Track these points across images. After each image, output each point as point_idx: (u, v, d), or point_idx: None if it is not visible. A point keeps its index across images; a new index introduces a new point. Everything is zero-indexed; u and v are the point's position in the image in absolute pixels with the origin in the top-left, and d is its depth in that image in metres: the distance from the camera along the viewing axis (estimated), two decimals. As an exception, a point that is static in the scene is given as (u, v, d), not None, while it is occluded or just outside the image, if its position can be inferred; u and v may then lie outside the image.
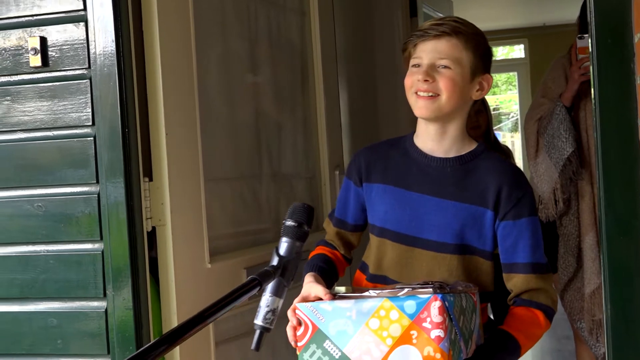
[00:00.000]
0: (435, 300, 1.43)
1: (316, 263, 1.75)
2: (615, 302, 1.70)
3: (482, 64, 1.71)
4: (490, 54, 1.75)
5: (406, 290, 1.47)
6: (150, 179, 2.03)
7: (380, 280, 1.74)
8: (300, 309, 1.55)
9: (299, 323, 1.54)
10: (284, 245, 1.32)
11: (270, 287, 1.28)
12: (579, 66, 2.91)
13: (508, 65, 10.39)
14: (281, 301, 1.30)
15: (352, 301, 1.50)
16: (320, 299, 1.55)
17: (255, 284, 1.22)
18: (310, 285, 1.61)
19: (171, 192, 2.03)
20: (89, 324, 2.01)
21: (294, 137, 2.79)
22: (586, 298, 3.05)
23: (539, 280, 1.68)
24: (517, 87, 9.76)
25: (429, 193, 1.69)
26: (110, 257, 1.98)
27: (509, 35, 9.22)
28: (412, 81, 1.68)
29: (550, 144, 3.02)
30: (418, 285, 1.48)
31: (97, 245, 2.00)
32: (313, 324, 1.52)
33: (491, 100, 11.56)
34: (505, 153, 3.89)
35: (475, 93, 1.71)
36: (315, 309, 1.53)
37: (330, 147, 2.85)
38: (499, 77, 11.87)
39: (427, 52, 1.67)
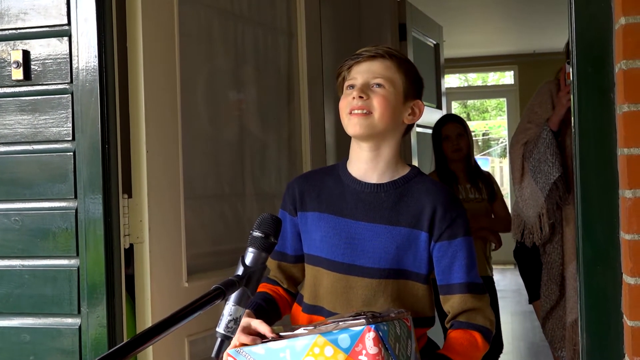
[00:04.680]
0: (369, 331, 1.40)
1: (254, 301, 1.70)
2: (592, 330, 1.69)
3: (413, 89, 1.73)
4: (420, 81, 1.77)
5: (338, 323, 1.44)
6: (130, 196, 2.02)
7: (317, 311, 1.72)
8: (232, 355, 1.52)
9: None
10: (249, 255, 1.32)
11: (233, 296, 1.28)
12: (567, 91, 2.91)
13: (498, 91, 10.48)
14: (244, 310, 1.30)
15: (284, 341, 1.47)
16: (260, 335, 1.53)
17: (219, 293, 1.22)
18: (250, 319, 1.57)
19: (150, 210, 2.01)
20: (63, 340, 1.98)
21: (278, 156, 2.79)
22: (568, 327, 3.04)
23: (475, 300, 1.68)
24: (506, 112, 9.83)
25: (363, 219, 1.69)
26: (86, 274, 1.96)
27: (499, 62, 9.30)
28: (347, 102, 1.69)
29: (537, 168, 3.02)
30: (350, 318, 1.45)
31: (73, 261, 1.98)
32: None
33: (481, 125, 11.64)
34: (487, 178, 3.90)
35: (407, 117, 1.73)
36: (248, 353, 1.50)
37: (314, 167, 2.84)
38: (488, 103, 11.94)
39: (362, 72, 1.69)
